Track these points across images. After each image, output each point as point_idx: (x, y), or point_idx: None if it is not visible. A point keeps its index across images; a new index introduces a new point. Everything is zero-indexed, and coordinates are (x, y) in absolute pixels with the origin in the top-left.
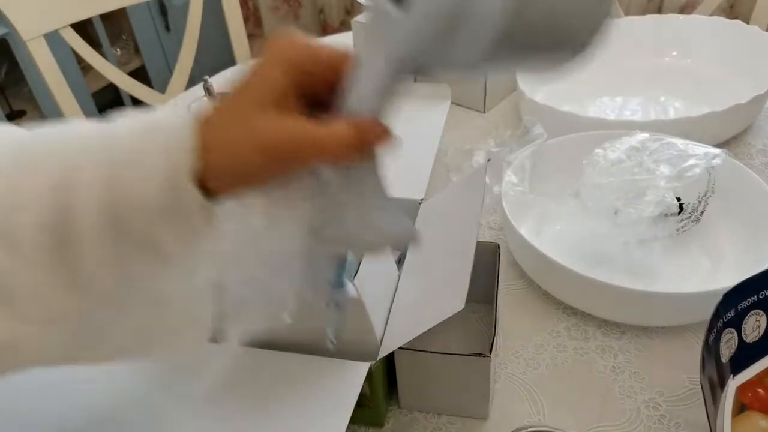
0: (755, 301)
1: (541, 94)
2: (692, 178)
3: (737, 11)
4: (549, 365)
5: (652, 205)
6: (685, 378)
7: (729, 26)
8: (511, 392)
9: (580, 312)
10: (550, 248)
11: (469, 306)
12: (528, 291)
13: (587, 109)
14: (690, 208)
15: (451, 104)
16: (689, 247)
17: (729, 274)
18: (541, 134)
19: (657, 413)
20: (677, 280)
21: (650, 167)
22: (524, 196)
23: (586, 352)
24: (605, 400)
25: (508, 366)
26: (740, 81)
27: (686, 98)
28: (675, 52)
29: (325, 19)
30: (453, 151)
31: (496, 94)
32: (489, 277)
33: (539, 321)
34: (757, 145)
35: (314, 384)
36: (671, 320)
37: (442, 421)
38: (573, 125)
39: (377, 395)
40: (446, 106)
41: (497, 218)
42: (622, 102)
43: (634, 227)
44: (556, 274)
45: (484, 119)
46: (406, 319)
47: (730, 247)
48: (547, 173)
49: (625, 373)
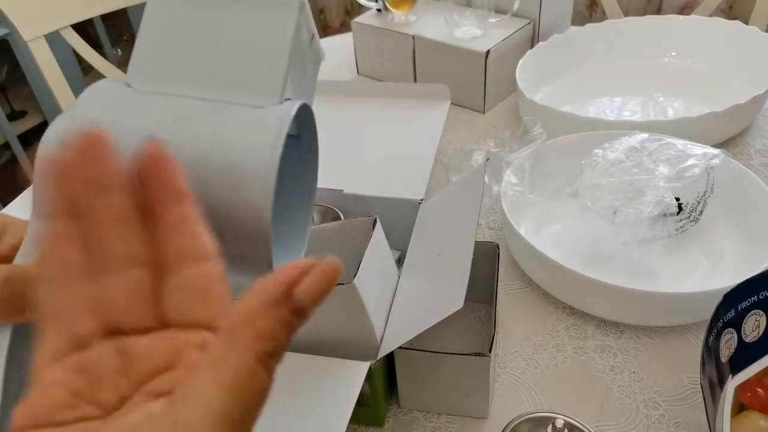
0: (755, 301)
1: (541, 94)
2: (691, 178)
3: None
4: (548, 365)
5: (651, 205)
6: (684, 378)
7: (728, 27)
8: (511, 392)
9: (579, 312)
10: (550, 248)
11: (469, 306)
12: (527, 291)
13: (587, 109)
14: (689, 208)
15: (451, 104)
16: (688, 247)
17: (728, 274)
18: (541, 134)
19: (656, 413)
20: (676, 280)
21: (649, 167)
22: (523, 196)
23: (586, 351)
24: (604, 400)
25: (507, 366)
26: (739, 81)
27: (685, 98)
28: (674, 52)
29: (325, 20)
30: (453, 151)
31: (496, 95)
32: (488, 276)
33: (538, 321)
34: (756, 146)
35: (314, 383)
36: (670, 320)
37: (442, 420)
38: (572, 125)
39: (377, 395)
40: (446, 106)
41: (496, 218)
42: (621, 102)
43: (633, 227)
44: (555, 274)
45: (484, 119)
46: (406, 318)
47: (728, 247)
48: (546, 173)
49: (624, 373)
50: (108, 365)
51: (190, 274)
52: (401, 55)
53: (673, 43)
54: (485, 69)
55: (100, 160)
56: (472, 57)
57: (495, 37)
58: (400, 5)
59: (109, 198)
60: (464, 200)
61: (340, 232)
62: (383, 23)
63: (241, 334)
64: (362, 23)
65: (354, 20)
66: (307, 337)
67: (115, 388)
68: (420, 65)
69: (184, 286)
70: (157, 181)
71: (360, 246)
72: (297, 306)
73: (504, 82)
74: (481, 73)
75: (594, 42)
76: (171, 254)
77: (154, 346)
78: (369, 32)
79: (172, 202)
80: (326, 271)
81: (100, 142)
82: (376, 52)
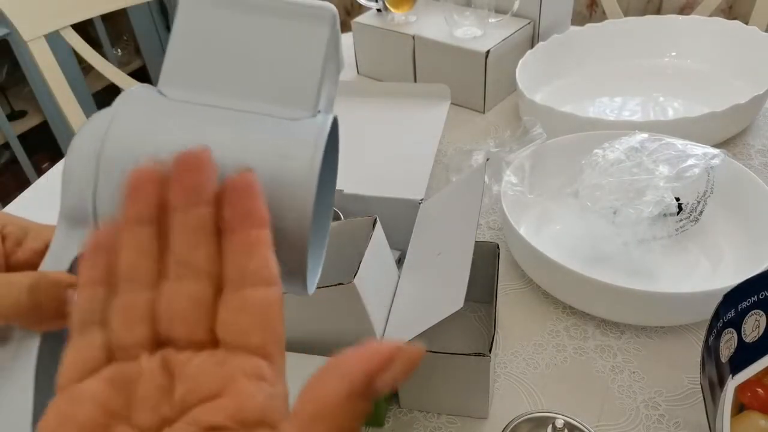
0: (755, 301)
1: (541, 95)
2: (691, 178)
3: (736, 12)
4: (548, 365)
5: (651, 205)
6: (684, 378)
7: (728, 27)
8: (511, 392)
9: (579, 312)
10: (550, 248)
11: (469, 306)
12: (527, 291)
13: (586, 110)
14: (689, 208)
15: (451, 104)
16: (688, 247)
17: (728, 274)
18: (541, 134)
19: (656, 413)
20: (676, 280)
21: (649, 167)
22: (523, 196)
23: (586, 351)
24: (604, 400)
25: (507, 366)
26: (739, 81)
27: (685, 98)
28: (674, 52)
29: None
30: (453, 151)
31: (496, 95)
32: (488, 276)
33: (538, 321)
34: (756, 146)
35: None
36: (670, 320)
37: (442, 420)
38: (572, 125)
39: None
40: (446, 106)
41: (496, 218)
42: (621, 102)
43: (633, 227)
44: (555, 274)
45: (484, 119)
46: (406, 318)
47: (728, 247)
48: (546, 173)
49: (624, 373)
50: (151, 382)
51: (253, 296)
52: (401, 55)
53: (673, 43)
54: (485, 69)
55: (198, 173)
56: (472, 57)
57: (495, 37)
58: (400, 5)
59: (195, 210)
60: (464, 200)
61: (340, 232)
62: (383, 23)
63: (319, 428)
64: (362, 23)
65: (354, 20)
66: (307, 337)
67: (156, 410)
68: (420, 65)
69: (245, 308)
70: (241, 203)
71: (360, 246)
72: (378, 394)
73: (504, 82)
74: (481, 73)
75: (594, 42)
76: (236, 274)
77: (204, 368)
78: (369, 32)
79: (252, 226)
80: (412, 358)
81: (201, 158)
82: (376, 52)
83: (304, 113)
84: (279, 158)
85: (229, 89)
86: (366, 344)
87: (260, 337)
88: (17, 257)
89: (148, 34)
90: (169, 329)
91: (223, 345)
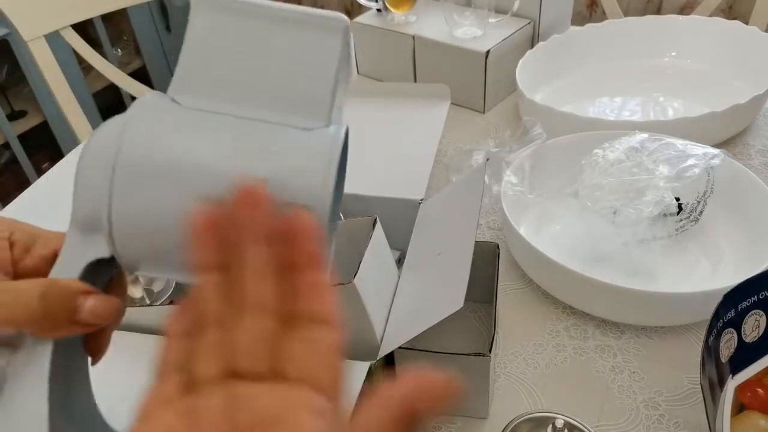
0: (755, 301)
1: (541, 95)
2: (691, 178)
3: (736, 12)
4: (548, 365)
5: (651, 205)
6: (684, 378)
7: (728, 27)
8: (511, 392)
9: (579, 312)
10: (550, 248)
11: (469, 306)
12: (527, 291)
13: (586, 110)
14: (689, 208)
15: (451, 104)
16: (688, 247)
17: (728, 274)
18: (541, 134)
19: (656, 413)
20: (676, 280)
21: (649, 167)
22: (523, 196)
23: (586, 351)
24: (604, 400)
25: (507, 366)
26: (739, 81)
27: (685, 98)
28: (674, 52)
29: None
30: (453, 151)
31: (496, 95)
32: (488, 276)
33: (538, 321)
34: (756, 146)
35: None
36: (670, 320)
37: (442, 420)
38: (572, 125)
39: None
40: (446, 106)
41: (496, 218)
42: (621, 102)
43: (633, 227)
44: (555, 274)
45: (484, 119)
46: (406, 318)
47: (728, 247)
48: (546, 173)
49: (624, 373)
50: (215, 410)
51: (317, 335)
52: (401, 55)
53: (673, 43)
54: (485, 69)
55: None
56: (472, 57)
57: (495, 37)
58: (400, 5)
59: (258, 249)
60: (464, 200)
61: (340, 232)
62: (383, 23)
63: None
64: (362, 23)
65: (354, 20)
66: None
67: None
68: (420, 65)
69: (310, 345)
70: (305, 245)
71: (360, 246)
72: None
73: (504, 82)
74: (481, 73)
75: (594, 42)
76: (302, 311)
77: (265, 397)
78: (369, 32)
79: (310, 267)
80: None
81: (258, 196)
82: (376, 52)
83: (317, 123)
84: (293, 168)
85: (242, 98)
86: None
87: (320, 375)
88: (25, 264)
89: (148, 34)
90: (237, 362)
91: (287, 378)
